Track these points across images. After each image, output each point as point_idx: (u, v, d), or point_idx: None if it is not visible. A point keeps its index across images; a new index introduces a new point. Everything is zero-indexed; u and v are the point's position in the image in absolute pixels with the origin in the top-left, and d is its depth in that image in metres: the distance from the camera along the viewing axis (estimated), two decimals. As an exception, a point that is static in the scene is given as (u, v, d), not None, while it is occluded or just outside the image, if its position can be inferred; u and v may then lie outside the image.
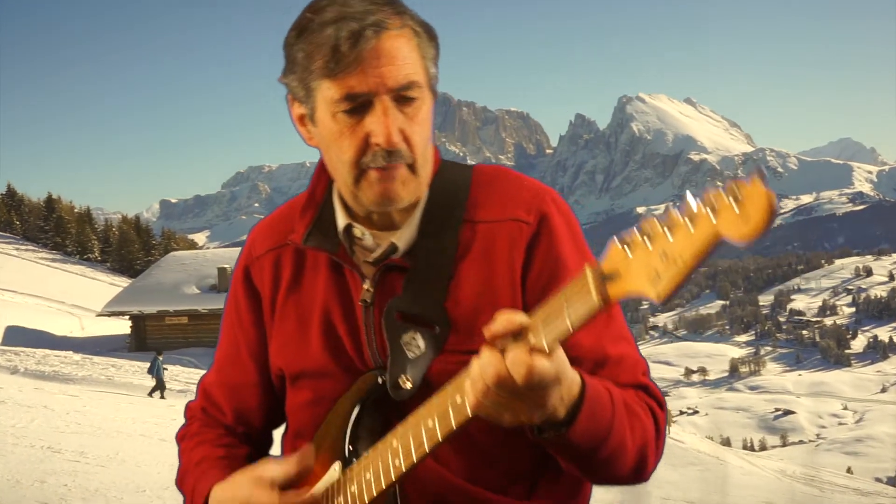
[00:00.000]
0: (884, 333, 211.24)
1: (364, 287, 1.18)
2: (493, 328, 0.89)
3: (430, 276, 1.15)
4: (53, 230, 79.06)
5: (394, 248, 1.18)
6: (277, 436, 1.38)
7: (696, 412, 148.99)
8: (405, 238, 1.18)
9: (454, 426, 0.96)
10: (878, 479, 54.05)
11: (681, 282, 0.74)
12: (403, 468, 1.02)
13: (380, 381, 1.13)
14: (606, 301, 0.81)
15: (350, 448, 1.13)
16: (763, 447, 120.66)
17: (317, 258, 1.24)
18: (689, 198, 0.72)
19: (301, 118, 1.16)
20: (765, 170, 0.67)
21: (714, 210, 0.70)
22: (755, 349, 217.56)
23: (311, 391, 1.22)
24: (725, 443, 72.29)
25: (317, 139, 1.15)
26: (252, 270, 1.30)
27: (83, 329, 42.90)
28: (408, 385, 1.10)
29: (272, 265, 1.28)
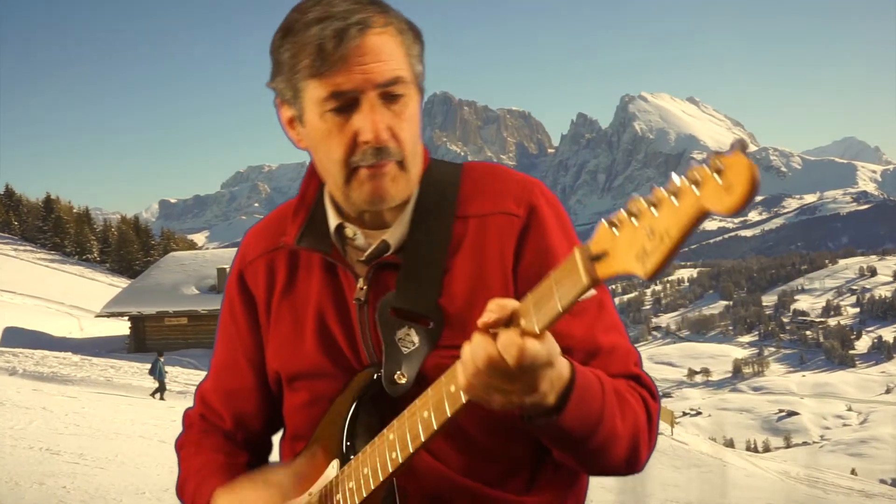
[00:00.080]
0: (888, 334, 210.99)
1: (358, 286, 1.19)
2: (486, 318, 0.90)
3: (423, 272, 1.16)
4: (52, 230, 79.03)
5: (386, 246, 1.18)
6: (276, 441, 1.38)
7: (699, 413, 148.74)
8: (396, 235, 1.19)
9: (449, 414, 0.96)
10: (883, 481, 53.89)
11: (668, 257, 0.74)
12: (400, 460, 1.02)
13: (375, 378, 1.14)
14: (595, 280, 0.81)
15: (348, 444, 1.14)
16: (766, 448, 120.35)
17: (310, 259, 1.24)
18: (674, 175, 0.74)
19: (290, 121, 1.17)
20: (747, 141, 0.67)
21: (697, 183, 0.71)
22: (758, 350, 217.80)
23: (308, 392, 1.22)
24: (729, 444, 72.20)
25: (306, 141, 1.16)
26: (246, 275, 1.30)
27: (82, 330, 42.88)
28: (403, 380, 1.11)
29: (266, 268, 1.28)
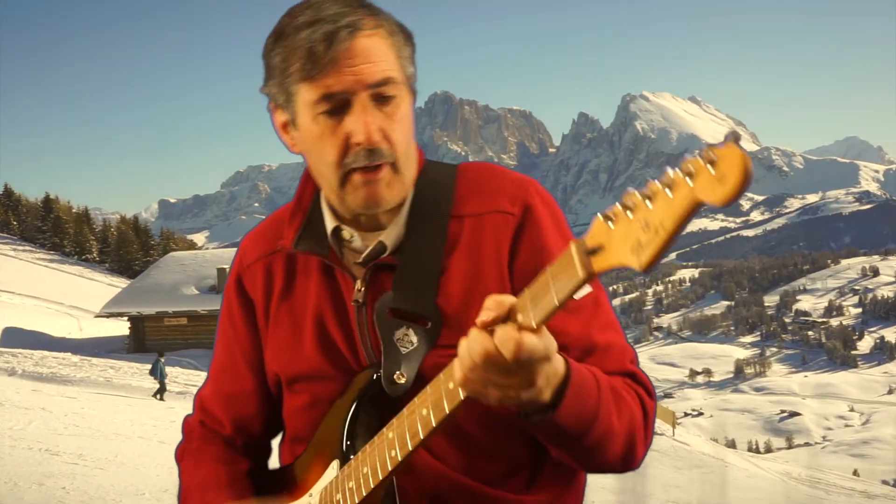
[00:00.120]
0: (890, 334, 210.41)
1: (356, 287, 1.20)
2: (485, 316, 0.91)
3: (420, 273, 1.16)
4: (51, 230, 78.94)
5: (382, 248, 1.19)
6: (276, 444, 1.38)
7: (701, 414, 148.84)
8: (393, 236, 1.19)
9: (447, 411, 0.97)
10: (885, 482, 53.70)
11: (663, 249, 0.75)
12: (400, 458, 1.03)
13: (375, 378, 1.15)
14: (591, 274, 0.82)
15: (348, 444, 1.14)
16: (768, 449, 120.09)
17: (308, 263, 1.25)
18: (668, 168, 0.74)
19: (284, 125, 1.17)
20: (739, 132, 0.68)
21: (691, 175, 0.72)
22: (760, 350, 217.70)
23: (308, 394, 1.23)
24: (730, 445, 72.08)
25: (300, 145, 1.16)
26: (244, 279, 1.31)
27: (81, 330, 42.86)
28: (402, 380, 1.12)
29: (264, 272, 1.28)
